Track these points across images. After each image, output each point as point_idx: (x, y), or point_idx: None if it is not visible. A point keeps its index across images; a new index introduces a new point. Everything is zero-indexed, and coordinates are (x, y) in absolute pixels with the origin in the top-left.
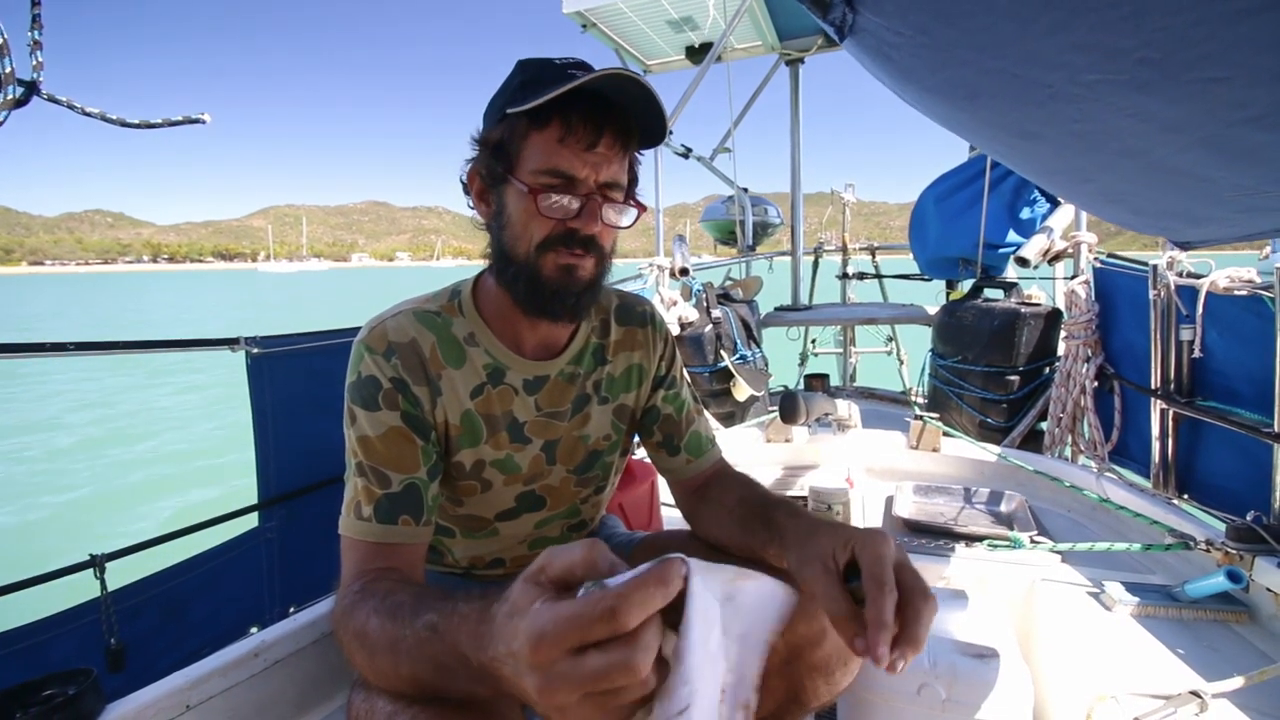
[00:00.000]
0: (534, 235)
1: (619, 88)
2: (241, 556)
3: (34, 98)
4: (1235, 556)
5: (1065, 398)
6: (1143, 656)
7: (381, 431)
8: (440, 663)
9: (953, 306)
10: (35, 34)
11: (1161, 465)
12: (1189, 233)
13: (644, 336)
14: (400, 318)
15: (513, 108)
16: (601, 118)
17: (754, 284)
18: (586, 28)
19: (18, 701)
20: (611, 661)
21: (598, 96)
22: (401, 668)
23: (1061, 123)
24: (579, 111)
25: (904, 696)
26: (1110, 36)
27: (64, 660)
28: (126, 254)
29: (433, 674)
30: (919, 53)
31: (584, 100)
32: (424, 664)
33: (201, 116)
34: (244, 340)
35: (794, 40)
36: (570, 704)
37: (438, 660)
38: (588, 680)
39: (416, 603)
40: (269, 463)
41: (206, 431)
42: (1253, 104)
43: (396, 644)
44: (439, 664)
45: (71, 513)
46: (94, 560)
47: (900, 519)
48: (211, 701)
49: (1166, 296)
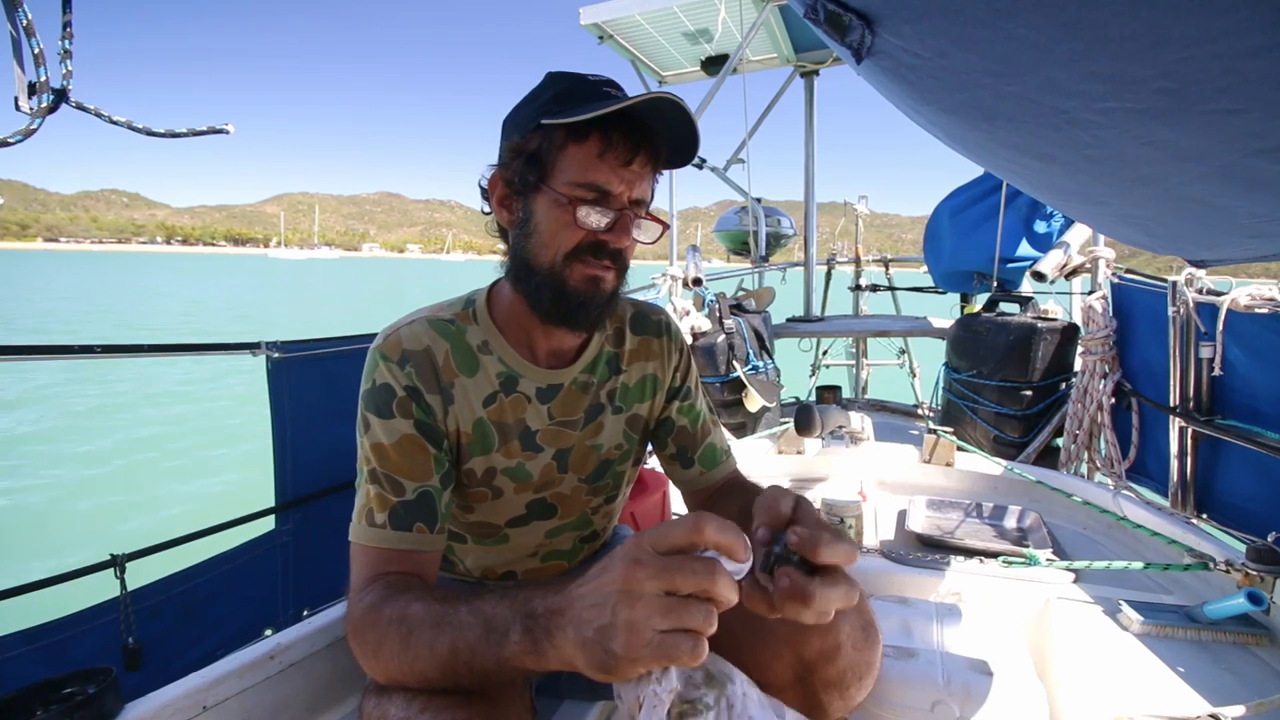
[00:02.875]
0: (563, 244)
1: (656, 112)
2: (258, 559)
3: (63, 105)
4: (1256, 578)
5: (1082, 414)
6: (1159, 678)
7: (395, 439)
8: (491, 625)
9: (968, 320)
10: (66, 43)
11: (1180, 484)
12: (1203, 253)
13: (659, 346)
14: (415, 325)
15: (549, 119)
16: (638, 137)
17: (767, 294)
18: (603, 39)
19: (39, 698)
20: (697, 576)
21: (635, 117)
22: (439, 643)
23: (1077, 147)
24: (619, 129)
25: (918, 713)
26: (1128, 66)
27: (83, 659)
28: (141, 234)
29: (476, 642)
30: (936, 75)
31: (623, 118)
32: (471, 630)
33: (225, 127)
34: (265, 345)
35: (809, 52)
36: (650, 634)
37: (489, 622)
38: (673, 586)
39: (472, 590)
40: (286, 466)
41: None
42: (1269, 136)
43: (442, 619)
44: (490, 626)
45: (92, 510)
46: (114, 560)
47: (913, 533)
48: (227, 703)
49: (1186, 313)
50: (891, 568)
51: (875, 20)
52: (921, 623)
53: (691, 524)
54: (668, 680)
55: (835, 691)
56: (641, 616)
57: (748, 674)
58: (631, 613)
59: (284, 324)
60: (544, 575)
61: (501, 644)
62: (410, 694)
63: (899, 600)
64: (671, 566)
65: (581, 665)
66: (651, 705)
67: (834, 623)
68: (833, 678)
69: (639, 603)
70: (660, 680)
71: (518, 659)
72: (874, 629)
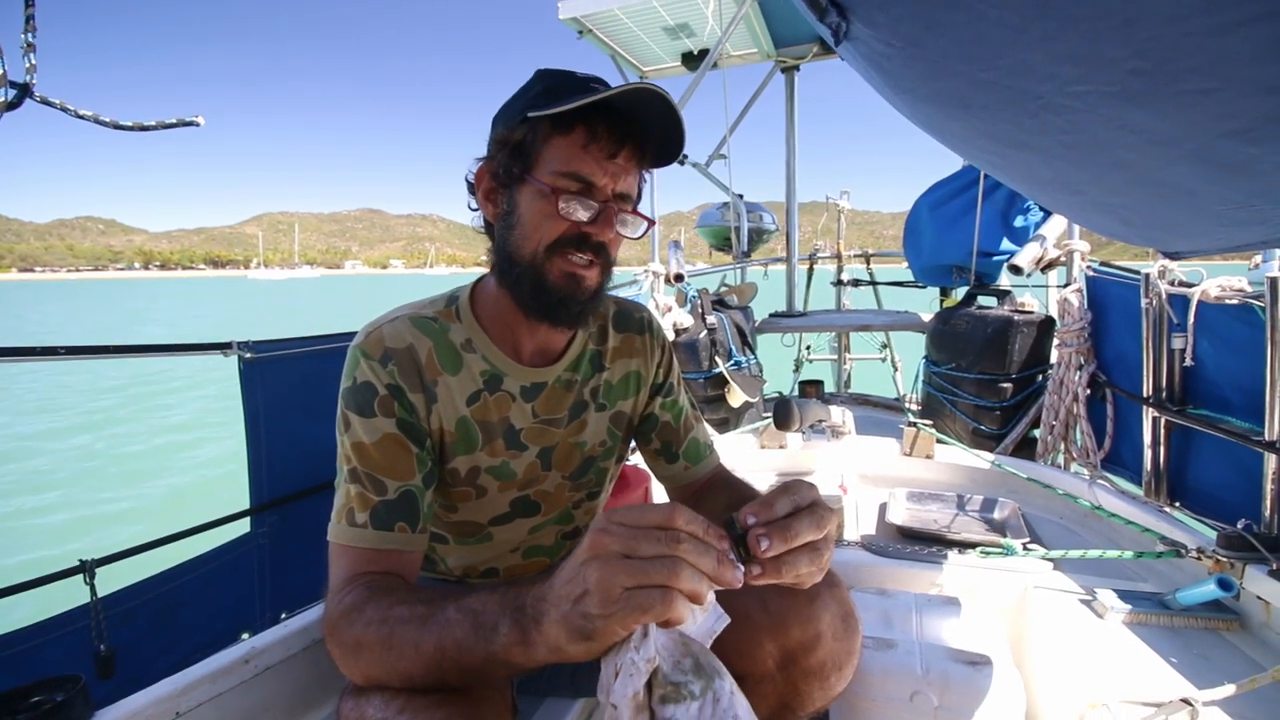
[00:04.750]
0: (545, 236)
1: (642, 105)
2: (233, 562)
3: (27, 100)
4: (1226, 564)
5: (1058, 405)
6: (1134, 664)
7: (377, 438)
8: (479, 621)
9: (947, 314)
10: (29, 36)
11: (1153, 473)
12: (1178, 244)
13: (642, 344)
14: (397, 323)
15: (536, 111)
16: (624, 130)
17: (749, 290)
18: (582, 34)
19: (5, 708)
20: (661, 543)
21: (620, 110)
22: (425, 642)
23: (1052, 134)
24: (604, 121)
25: (897, 703)
26: (1101, 46)
27: (53, 666)
28: (118, 261)
29: (464, 638)
30: (910, 63)
31: (608, 112)
32: (460, 627)
33: (195, 119)
34: (237, 345)
35: (790, 48)
36: (619, 592)
37: (478, 618)
38: (636, 551)
39: (457, 589)
40: (261, 468)
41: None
42: (1241, 116)
43: (429, 618)
44: (478, 622)
45: (59, 517)
46: (84, 566)
47: (894, 526)
48: (201, 709)
49: (1158, 305)
50: (872, 560)
51: (848, 9)
52: (901, 614)
53: (666, 510)
54: (645, 649)
55: (816, 681)
56: (608, 575)
57: (729, 664)
58: (599, 573)
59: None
60: (526, 571)
61: (490, 639)
62: (389, 695)
63: (879, 592)
64: (637, 534)
65: (565, 642)
66: (628, 674)
67: (815, 613)
68: (813, 667)
69: (606, 564)
70: (638, 649)
71: (506, 651)
72: (854, 619)
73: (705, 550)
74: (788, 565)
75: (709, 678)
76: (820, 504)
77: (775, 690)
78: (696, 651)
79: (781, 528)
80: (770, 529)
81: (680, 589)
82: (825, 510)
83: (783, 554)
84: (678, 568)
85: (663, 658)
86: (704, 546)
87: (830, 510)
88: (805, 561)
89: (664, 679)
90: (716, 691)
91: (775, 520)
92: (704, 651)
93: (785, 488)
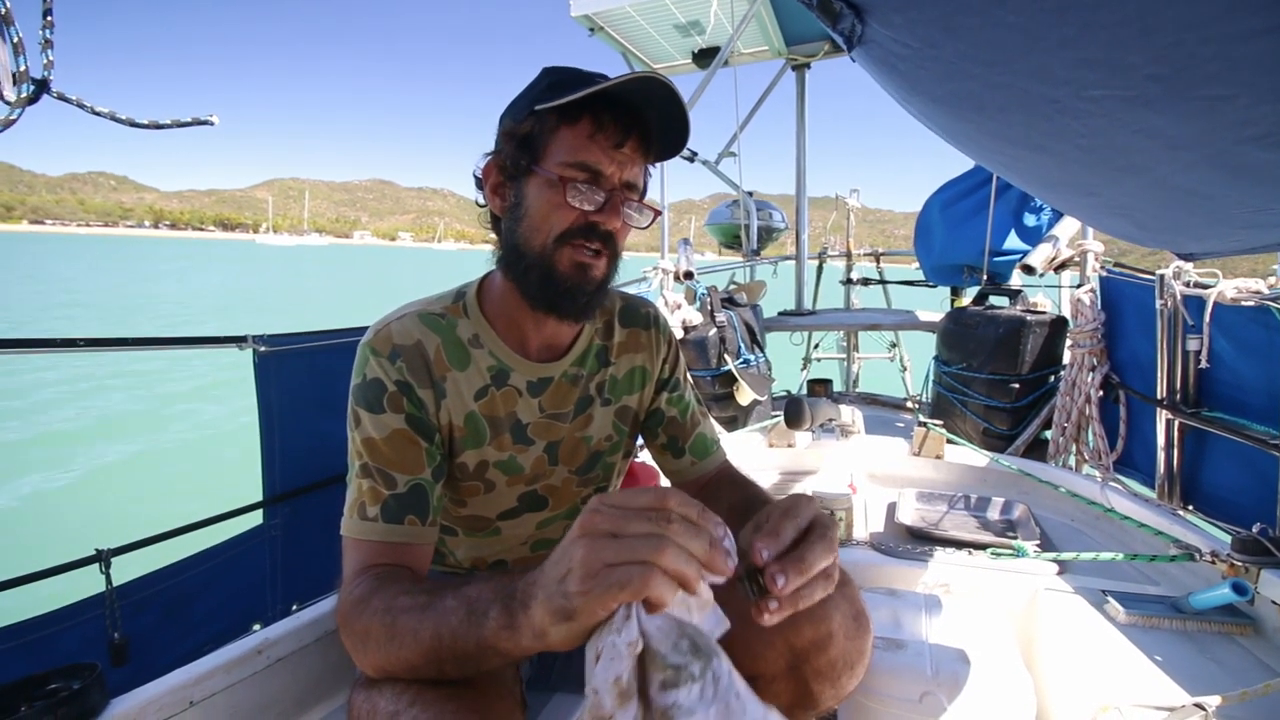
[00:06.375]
0: (554, 226)
1: (648, 96)
2: (246, 553)
3: (44, 95)
4: (1241, 569)
5: (1070, 406)
6: (1146, 668)
7: (386, 434)
8: (473, 608)
9: (958, 313)
10: (46, 32)
11: (1166, 476)
12: (1192, 246)
13: (648, 339)
14: (405, 320)
15: (543, 105)
16: (630, 120)
17: (758, 288)
18: (594, 31)
19: (22, 695)
20: (651, 522)
21: (626, 101)
22: (423, 630)
23: (1067, 137)
24: (610, 111)
25: (906, 704)
26: (1119, 52)
27: (68, 654)
28: (129, 218)
29: (458, 625)
30: (926, 65)
31: (614, 102)
32: (454, 614)
33: (210, 118)
34: (251, 338)
35: (800, 46)
36: (600, 568)
37: (471, 604)
38: (623, 530)
39: (462, 580)
40: (274, 460)
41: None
42: (1258, 122)
43: (428, 606)
44: (471, 608)
45: (75, 504)
46: (99, 555)
47: (903, 526)
48: (214, 698)
49: (1173, 306)
50: (881, 560)
51: (865, 10)
52: (910, 614)
53: (659, 492)
54: (628, 632)
55: (826, 681)
56: (592, 553)
57: (739, 664)
58: (584, 551)
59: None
60: (534, 564)
61: (481, 624)
62: (400, 687)
63: (888, 592)
64: (628, 514)
65: (548, 624)
66: (610, 658)
67: (826, 612)
68: (824, 667)
69: (592, 543)
70: (620, 631)
71: (495, 637)
72: (865, 618)
73: (696, 533)
74: (805, 597)
75: (707, 658)
76: (822, 521)
77: (786, 690)
78: (692, 633)
79: (795, 560)
80: (785, 563)
81: (663, 566)
82: (831, 528)
83: (799, 588)
84: (662, 544)
85: (660, 641)
86: (695, 529)
87: (834, 523)
88: (821, 589)
89: (664, 662)
90: (715, 671)
91: (788, 553)
92: (698, 632)
93: (785, 511)
